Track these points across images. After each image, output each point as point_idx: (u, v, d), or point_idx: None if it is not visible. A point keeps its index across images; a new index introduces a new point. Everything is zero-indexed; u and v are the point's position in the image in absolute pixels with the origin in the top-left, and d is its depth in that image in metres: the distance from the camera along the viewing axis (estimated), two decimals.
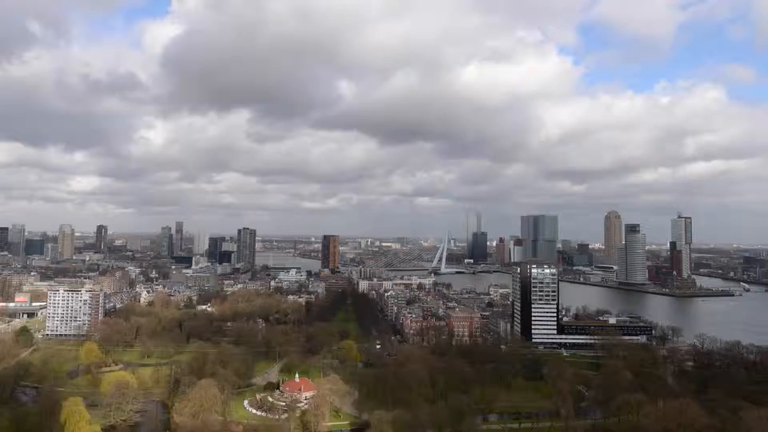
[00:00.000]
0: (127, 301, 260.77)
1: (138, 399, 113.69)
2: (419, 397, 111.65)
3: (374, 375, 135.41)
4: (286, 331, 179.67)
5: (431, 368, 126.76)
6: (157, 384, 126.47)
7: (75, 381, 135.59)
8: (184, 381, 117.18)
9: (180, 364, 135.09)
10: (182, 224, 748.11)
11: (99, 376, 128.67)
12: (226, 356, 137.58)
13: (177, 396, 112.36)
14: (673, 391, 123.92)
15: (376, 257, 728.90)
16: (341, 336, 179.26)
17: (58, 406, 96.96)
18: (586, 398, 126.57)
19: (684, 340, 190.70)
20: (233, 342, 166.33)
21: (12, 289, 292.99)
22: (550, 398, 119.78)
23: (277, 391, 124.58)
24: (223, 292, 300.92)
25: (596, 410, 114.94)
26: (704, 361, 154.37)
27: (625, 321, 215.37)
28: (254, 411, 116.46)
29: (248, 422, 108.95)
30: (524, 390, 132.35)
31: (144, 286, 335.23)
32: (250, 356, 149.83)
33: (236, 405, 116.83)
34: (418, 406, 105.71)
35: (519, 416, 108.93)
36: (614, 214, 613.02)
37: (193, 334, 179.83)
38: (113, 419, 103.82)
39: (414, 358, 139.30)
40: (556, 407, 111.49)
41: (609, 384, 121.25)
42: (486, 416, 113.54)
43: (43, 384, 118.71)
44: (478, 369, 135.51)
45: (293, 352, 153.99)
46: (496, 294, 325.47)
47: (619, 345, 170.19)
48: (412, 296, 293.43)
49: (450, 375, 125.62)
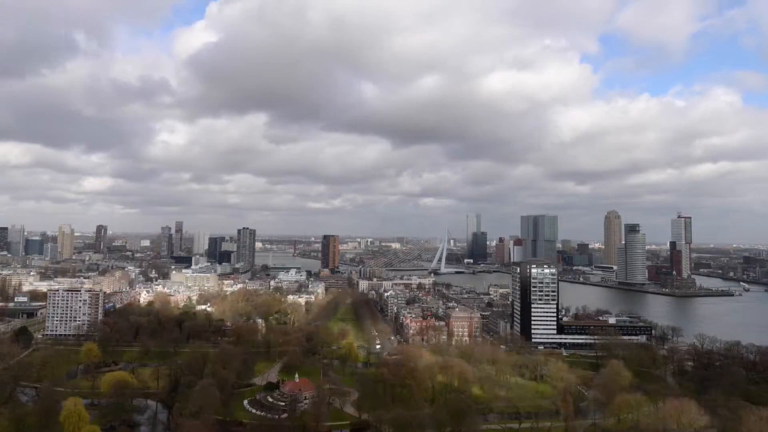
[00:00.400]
0: (126, 301, 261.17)
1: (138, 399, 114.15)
2: (419, 397, 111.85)
3: (374, 375, 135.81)
4: (285, 331, 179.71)
5: (431, 368, 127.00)
6: (156, 384, 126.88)
7: (75, 381, 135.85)
8: (184, 381, 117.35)
9: (180, 363, 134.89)
10: (182, 224, 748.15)
11: (99, 376, 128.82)
12: (225, 356, 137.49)
13: (177, 396, 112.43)
14: (673, 391, 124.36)
15: (376, 257, 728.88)
16: (341, 336, 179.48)
17: (57, 406, 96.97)
18: (585, 398, 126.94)
19: (684, 340, 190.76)
20: (233, 342, 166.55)
21: (11, 288, 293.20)
22: (550, 398, 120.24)
23: (277, 391, 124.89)
24: (223, 292, 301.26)
25: (596, 410, 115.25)
26: (704, 361, 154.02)
27: (625, 321, 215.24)
28: (254, 411, 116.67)
29: (248, 422, 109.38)
30: (524, 390, 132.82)
31: (144, 285, 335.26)
32: (250, 356, 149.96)
33: (236, 405, 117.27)
34: (418, 406, 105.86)
35: (519, 416, 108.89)
36: (614, 214, 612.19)
37: (193, 334, 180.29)
38: (113, 419, 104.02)
39: (414, 357, 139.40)
40: (556, 407, 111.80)
41: (609, 384, 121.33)
42: (486, 416, 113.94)
43: (42, 384, 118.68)
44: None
45: (293, 352, 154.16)
46: (496, 294, 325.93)
47: (619, 345, 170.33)
48: (412, 296, 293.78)
49: (450, 375, 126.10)
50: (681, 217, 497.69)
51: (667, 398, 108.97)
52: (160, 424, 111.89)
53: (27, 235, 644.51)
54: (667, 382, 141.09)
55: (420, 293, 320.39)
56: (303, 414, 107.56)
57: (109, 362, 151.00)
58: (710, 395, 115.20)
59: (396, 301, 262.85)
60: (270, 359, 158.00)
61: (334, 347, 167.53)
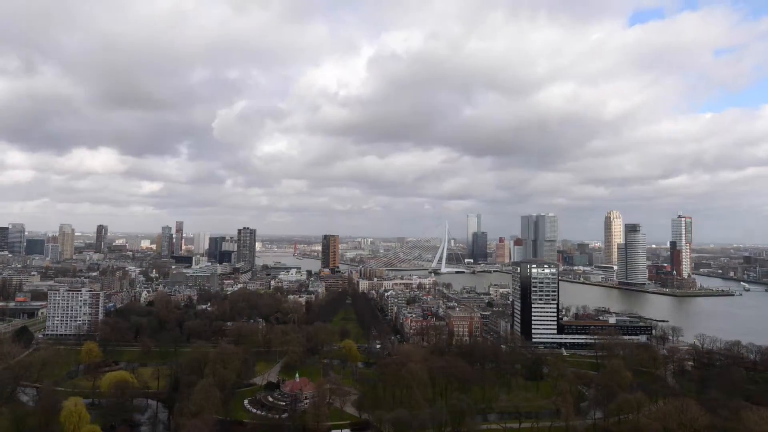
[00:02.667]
0: (127, 301, 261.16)
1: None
2: (419, 397, 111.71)
3: (374, 375, 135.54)
4: (286, 330, 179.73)
5: (431, 368, 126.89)
6: (157, 384, 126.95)
7: (75, 381, 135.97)
8: (184, 381, 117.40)
9: (180, 363, 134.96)
10: (182, 224, 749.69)
11: (99, 375, 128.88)
12: (226, 356, 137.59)
13: (177, 395, 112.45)
14: (674, 391, 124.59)
15: (377, 257, 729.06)
16: (341, 336, 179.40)
17: (58, 405, 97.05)
18: (586, 398, 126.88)
19: (684, 339, 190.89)
20: (233, 342, 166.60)
21: (12, 288, 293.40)
22: (550, 398, 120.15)
23: (278, 391, 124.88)
24: (223, 292, 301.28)
25: (596, 410, 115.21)
26: (704, 361, 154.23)
27: (625, 321, 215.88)
28: (255, 410, 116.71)
29: (249, 421, 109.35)
30: (524, 390, 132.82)
31: (144, 285, 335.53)
32: (250, 356, 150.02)
33: (237, 404, 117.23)
34: (418, 406, 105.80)
35: (519, 416, 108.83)
36: (614, 215, 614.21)
37: (193, 333, 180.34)
38: (114, 419, 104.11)
39: (414, 357, 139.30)
40: (557, 407, 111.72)
41: (609, 383, 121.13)
42: (486, 416, 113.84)
43: (43, 384, 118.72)
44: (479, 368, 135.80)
45: (293, 352, 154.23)
46: (496, 293, 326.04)
47: (619, 345, 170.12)
48: (412, 296, 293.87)
49: (450, 375, 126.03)
50: (681, 217, 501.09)
51: (667, 397, 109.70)
52: (161, 423, 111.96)
53: (28, 235, 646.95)
54: (667, 381, 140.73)
55: (420, 293, 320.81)
56: (303, 413, 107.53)
57: (110, 362, 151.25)
58: (710, 395, 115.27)
59: (396, 301, 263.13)
60: (270, 359, 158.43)
61: (334, 347, 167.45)
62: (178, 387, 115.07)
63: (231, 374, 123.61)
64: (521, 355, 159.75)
